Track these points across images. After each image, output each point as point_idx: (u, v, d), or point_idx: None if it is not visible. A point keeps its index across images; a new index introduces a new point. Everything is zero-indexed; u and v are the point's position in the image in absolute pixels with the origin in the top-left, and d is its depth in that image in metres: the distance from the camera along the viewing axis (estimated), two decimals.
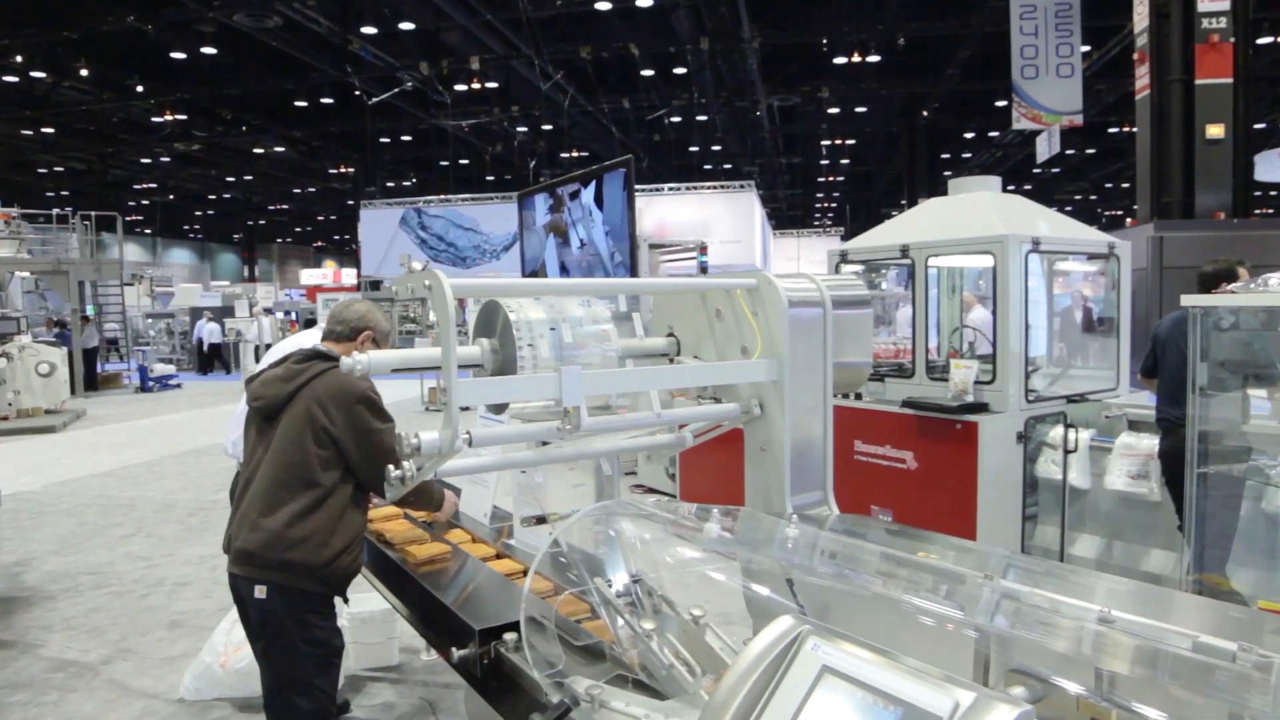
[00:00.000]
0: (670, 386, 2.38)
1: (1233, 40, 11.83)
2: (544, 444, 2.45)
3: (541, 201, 4.07)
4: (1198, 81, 11.83)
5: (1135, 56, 12.64)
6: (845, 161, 34.44)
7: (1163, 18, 12.03)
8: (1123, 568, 5.17)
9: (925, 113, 25.12)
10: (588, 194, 3.79)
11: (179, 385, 21.75)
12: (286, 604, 2.85)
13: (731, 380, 2.48)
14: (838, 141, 29.88)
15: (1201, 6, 11.64)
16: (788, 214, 43.93)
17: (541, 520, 3.13)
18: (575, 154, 28.87)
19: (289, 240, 57.99)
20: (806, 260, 28.74)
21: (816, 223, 46.19)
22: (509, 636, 2.51)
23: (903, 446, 5.20)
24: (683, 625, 2.11)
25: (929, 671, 1.17)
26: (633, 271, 3.15)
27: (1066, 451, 5.23)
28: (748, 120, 25.76)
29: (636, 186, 19.91)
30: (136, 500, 9.08)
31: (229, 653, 4.35)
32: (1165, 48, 12.06)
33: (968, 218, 5.35)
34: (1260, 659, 1.38)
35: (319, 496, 2.83)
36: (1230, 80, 11.84)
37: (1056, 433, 5.30)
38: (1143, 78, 12.40)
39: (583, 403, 2.11)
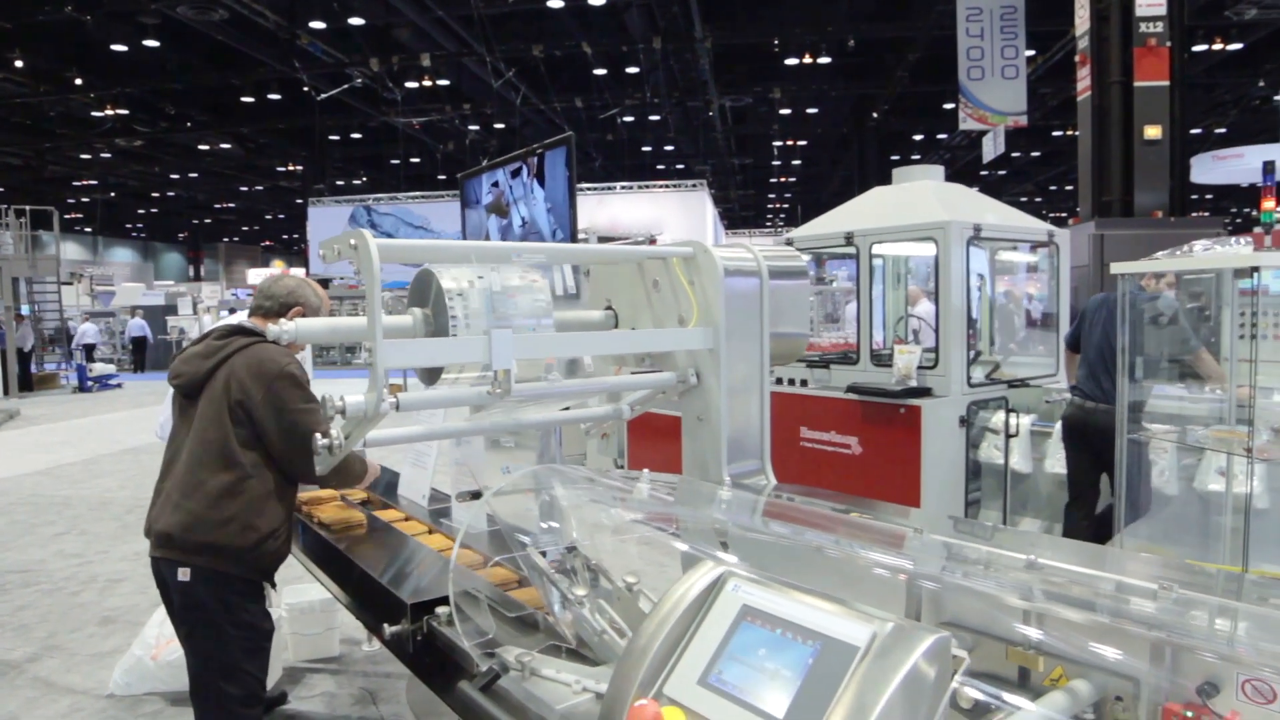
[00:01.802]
0: (604, 352, 2.35)
1: (1169, 45, 12.13)
2: (478, 411, 2.41)
3: (484, 182, 4.03)
4: (1136, 84, 12.11)
5: (1077, 59, 12.93)
6: (797, 162, 34.75)
7: (1103, 21, 12.32)
8: None
9: (875, 114, 25.42)
10: (529, 171, 3.76)
11: (119, 385, 21.19)
12: (211, 587, 2.75)
13: (667, 348, 2.46)
14: (789, 142, 30.13)
15: (1139, 11, 11.91)
16: (740, 214, 44.19)
17: (476, 496, 3.08)
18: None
19: (235, 239, 56.84)
20: None
21: (769, 223, 46.56)
22: (442, 611, 2.45)
23: (847, 432, 5.23)
24: (617, 592, 2.08)
25: (848, 606, 1.15)
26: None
27: (1008, 436, 5.30)
28: (700, 120, 25.85)
29: (590, 186, 19.85)
30: (71, 498, 8.80)
31: (160, 645, 4.23)
32: (1105, 51, 12.35)
33: (911, 205, 5.41)
34: (1180, 595, 1.39)
35: (240, 476, 2.72)
36: (1167, 83, 12.13)
37: (999, 418, 5.38)
38: (1084, 80, 12.69)
39: (513, 365, 2.07)
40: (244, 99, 24.98)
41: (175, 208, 44.34)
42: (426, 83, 22.74)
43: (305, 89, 22.47)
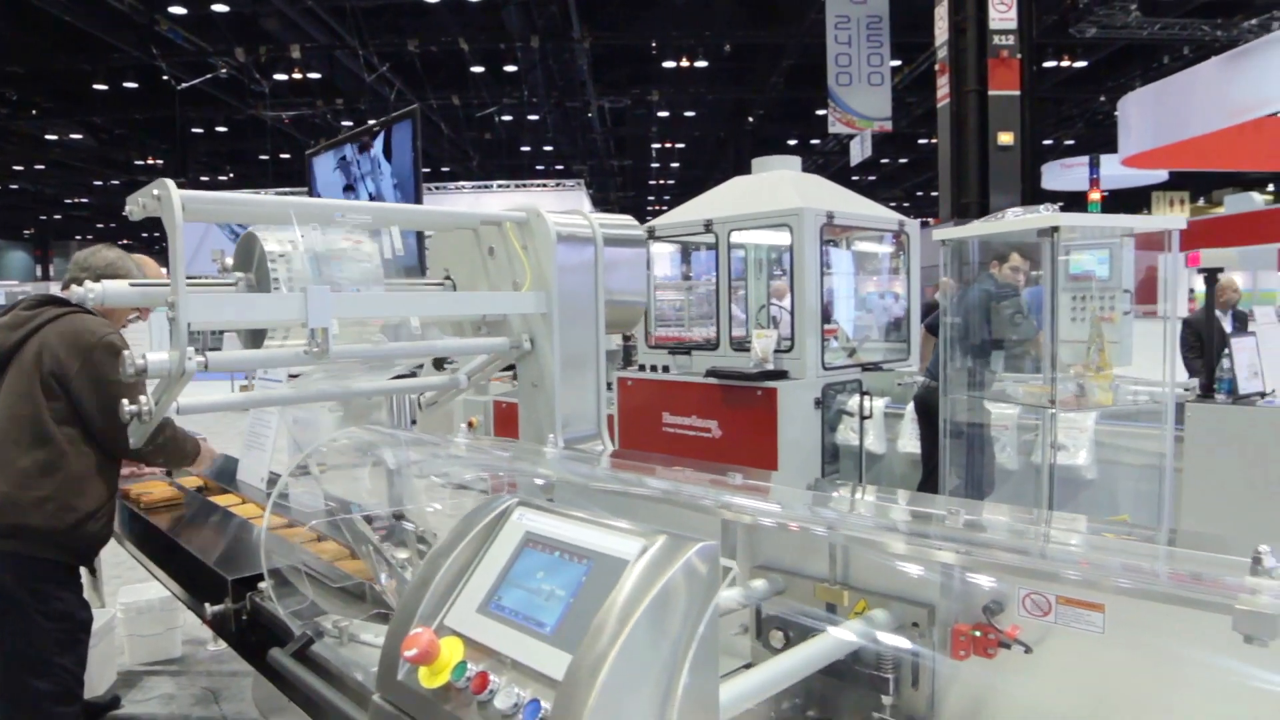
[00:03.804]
0: (429, 313, 2.30)
1: (1020, 57, 12.83)
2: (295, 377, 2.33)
3: (332, 159, 3.91)
4: (990, 92, 12.75)
5: (937, 68, 13.55)
6: (675, 165, 35.15)
7: (960, 33, 12.94)
8: None
9: (751, 119, 25.98)
10: (376, 147, 3.67)
11: None
12: (18, 574, 2.56)
13: (496, 310, 2.43)
14: (667, 144, 30.46)
15: (993, 25, 12.58)
16: None
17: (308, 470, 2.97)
18: None
19: (90, 237, 53.51)
20: None
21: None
22: (266, 587, 2.35)
23: (708, 416, 5.32)
24: None
25: (625, 528, 1.15)
26: (419, 235, 3.06)
27: (862, 418, 5.49)
28: (579, 121, 25.86)
29: (465, 184, 19.43)
30: None
31: None
32: (962, 61, 12.97)
33: (768, 193, 5.55)
34: (967, 518, 1.46)
35: (55, 453, 2.56)
36: (1018, 93, 12.82)
37: (854, 401, 5.56)
38: (943, 88, 13.31)
39: (332, 324, 2.01)
40: (96, 86, 23.53)
41: (20, 202, 41.31)
42: (296, 75, 21.92)
43: (165, 78, 21.34)
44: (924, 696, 1.58)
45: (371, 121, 3.67)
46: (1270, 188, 27.33)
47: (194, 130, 28.16)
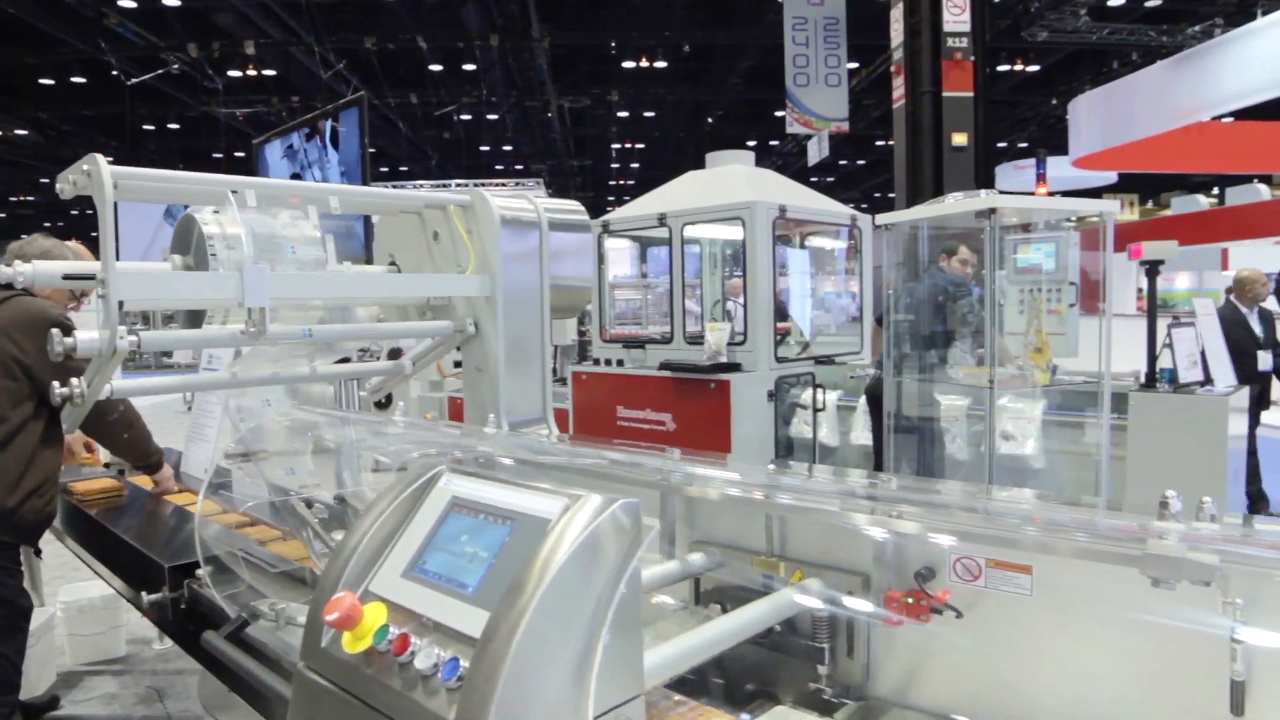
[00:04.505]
0: (369, 295, 2.28)
1: (973, 59, 13.03)
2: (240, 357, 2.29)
3: (279, 147, 3.84)
4: (945, 94, 12.93)
5: (893, 69, 13.71)
6: (635, 165, 35.13)
7: (915, 35, 13.09)
8: None
9: (710, 119, 26.08)
10: (324, 135, 3.62)
11: None
12: None
13: (438, 292, 2.42)
14: (627, 145, 30.44)
15: (947, 27, 12.75)
16: None
17: (250, 455, 2.93)
18: None
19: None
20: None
21: None
22: (204, 574, 2.32)
23: (662, 409, 5.33)
24: None
25: (550, 489, 1.15)
26: (367, 222, 3.02)
27: (815, 410, 5.53)
28: (539, 121, 25.75)
29: (424, 183, 19.21)
30: None
31: None
32: (917, 62, 13.13)
33: (721, 187, 5.57)
34: (902, 483, 1.48)
35: (7, 433, 2.53)
36: (971, 94, 13.00)
37: (807, 394, 5.60)
38: (899, 89, 13.46)
39: (266, 303, 1.98)
40: (43, 81, 22.98)
41: None
42: (251, 72, 21.61)
43: (115, 73, 20.88)
44: (859, 665, 1.60)
45: (318, 110, 3.62)
46: (1215, 190, 28.02)
47: (145, 127, 27.64)
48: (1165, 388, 4.76)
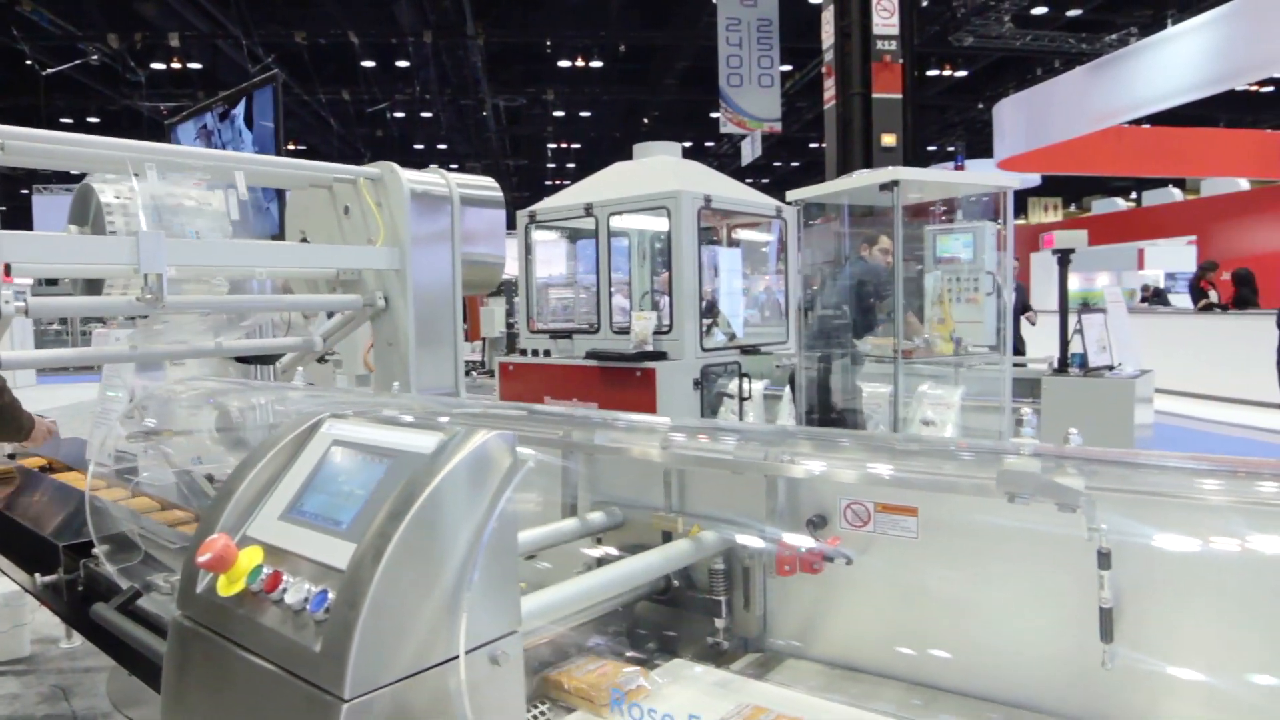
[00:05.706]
0: (273, 265, 2.25)
1: (901, 61, 13.31)
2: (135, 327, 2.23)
3: (192, 128, 3.75)
4: (874, 95, 13.17)
5: (824, 70, 13.94)
6: (571, 165, 35.09)
7: (845, 38, 13.33)
8: None
9: (646, 120, 26.18)
10: (238, 115, 3.54)
11: None
12: None
13: (346, 264, 2.39)
14: (563, 145, 30.38)
15: (876, 30, 13.00)
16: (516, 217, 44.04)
17: (153, 434, 2.86)
18: (292, 145, 27.25)
19: None
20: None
21: None
22: (100, 552, 2.25)
23: (588, 398, 5.33)
24: None
25: (428, 425, 1.15)
26: (282, 199, 2.96)
27: (741, 400, 5.59)
28: (474, 119, 25.55)
29: None
30: None
31: None
32: (847, 64, 13.37)
33: (647, 177, 5.61)
34: (798, 429, 1.51)
35: None
36: (900, 96, 13.28)
37: (733, 383, 5.66)
38: (830, 90, 13.70)
39: (165, 270, 1.94)
40: None
41: None
42: (175, 65, 21.03)
43: (29, 63, 20.12)
44: (756, 616, 1.62)
45: (236, 87, 3.55)
46: (1133, 195, 29.06)
47: (63, 120, 26.64)
48: (1076, 371, 4.94)
